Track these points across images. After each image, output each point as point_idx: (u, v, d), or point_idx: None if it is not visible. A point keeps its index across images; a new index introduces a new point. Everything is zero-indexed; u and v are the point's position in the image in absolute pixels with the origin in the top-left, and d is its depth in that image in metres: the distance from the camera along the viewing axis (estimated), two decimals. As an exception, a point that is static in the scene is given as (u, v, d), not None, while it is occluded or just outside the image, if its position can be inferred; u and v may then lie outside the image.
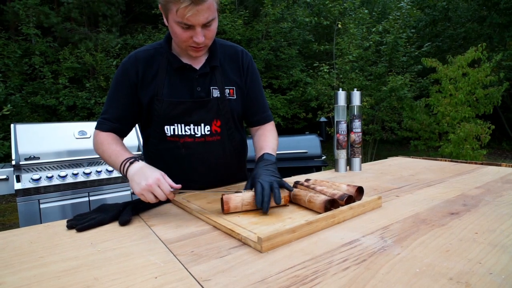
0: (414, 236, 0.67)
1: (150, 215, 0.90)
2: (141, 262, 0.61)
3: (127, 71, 1.06)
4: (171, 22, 0.93)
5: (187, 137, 1.08)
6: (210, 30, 0.95)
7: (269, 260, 0.59)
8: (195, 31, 0.92)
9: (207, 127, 1.09)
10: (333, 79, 6.81)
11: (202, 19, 0.90)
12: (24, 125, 2.28)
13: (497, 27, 8.65)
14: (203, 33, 0.94)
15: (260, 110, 1.21)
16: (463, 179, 1.21)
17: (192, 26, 0.91)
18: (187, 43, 0.96)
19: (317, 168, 3.01)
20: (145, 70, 1.06)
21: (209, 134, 1.10)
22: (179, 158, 1.11)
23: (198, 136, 1.09)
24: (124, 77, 1.06)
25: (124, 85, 1.07)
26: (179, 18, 0.89)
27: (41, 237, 0.77)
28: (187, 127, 1.08)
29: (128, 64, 1.07)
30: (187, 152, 1.10)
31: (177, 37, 0.95)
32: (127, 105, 1.08)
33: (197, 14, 0.88)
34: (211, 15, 0.91)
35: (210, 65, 1.08)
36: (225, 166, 1.18)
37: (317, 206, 0.81)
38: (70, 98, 6.43)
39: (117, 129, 1.09)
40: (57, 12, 6.93)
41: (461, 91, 4.94)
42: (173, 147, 1.10)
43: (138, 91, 1.07)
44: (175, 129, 1.08)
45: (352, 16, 7.33)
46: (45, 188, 2.14)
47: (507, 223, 0.73)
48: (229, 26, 7.33)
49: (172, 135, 1.08)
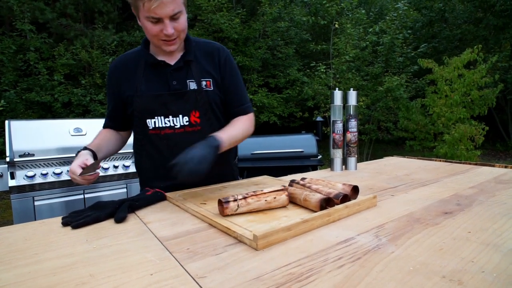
0: (408, 234, 0.68)
1: (146, 213, 0.90)
2: (137, 259, 0.61)
3: (111, 75, 1.19)
4: (142, 19, 1.01)
5: (167, 128, 1.13)
6: (179, 23, 1.02)
7: (264, 257, 0.60)
8: (164, 24, 0.99)
9: (186, 118, 1.13)
10: (329, 78, 6.82)
11: (168, 11, 0.96)
12: (18, 122, 2.26)
13: (492, 29, 8.73)
14: (172, 26, 1.00)
15: (237, 103, 1.22)
16: (457, 179, 1.23)
17: (161, 19, 0.98)
18: (159, 37, 1.02)
19: (313, 167, 3.01)
20: (126, 72, 1.16)
21: (188, 124, 1.14)
22: (162, 150, 1.16)
23: (177, 127, 1.13)
24: (109, 81, 1.21)
25: (110, 88, 1.21)
26: (146, 12, 0.96)
27: (36, 234, 0.76)
28: (167, 119, 1.13)
29: (110, 71, 1.20)
30: (168, 143, 1.14)
31: (148, 32, 1.02)
32: (115, 106, 1.21)
33: (163, 7, 0.95)
34: (177, 7, 0.98)
35: (185, 60, 1.13)
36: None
37: (313, 205, 0.81)
38: (65, 95, 6.37)
39: (112, 126, 1.26)
40: (53, 8, 6.86)
41: (457, 92, 4.99)
42: (156, 139, 1.15)
43: (121, 91, 1.16)
44: (156, 121, 1.13)
45: (349, 16, 7.35)
46: (40, 185, 2.12)
47: (500, 223, 0.74)
48: (226, 24, 7.32)
49: (154, 128, 1.14)
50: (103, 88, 6.80)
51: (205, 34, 7.78)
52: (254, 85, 8.04)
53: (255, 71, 8.19)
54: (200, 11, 7.57)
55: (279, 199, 0.85)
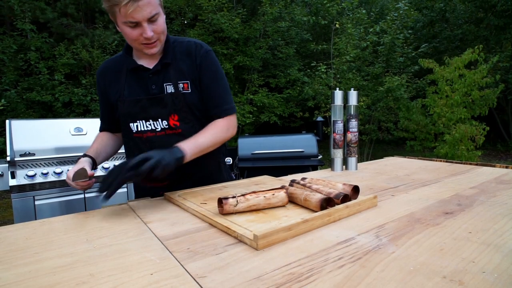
0: (409, 235, 0.68)
1: (146, 212, 0.90)
2: (137, 259, 0.61)
3: (98, 81, 1.22)
4: (120, 25, 1.00)
5: (149, 132, 1.14)
6: (157, 25, 1.01)
7: (265, 257, 0.60)
8: (143, 27, 0.98)
9: (164, 122, 1.13)
10: (330, 78, 6.82)
11: (146, 14, 0.96)
12: (19, 121, 2.26)
13: (493, 29, 8.72)
14: (151, 28, 1.00)
15: (213, 104, 1.16)
16: (457, 180, 1.23)
17: (139, 23, 0.97)
18: (139, 41, 1.02)
19: (313, 167, 3.01)
20: (110, 77, 1.18)
21: (167, 127, 1.14)
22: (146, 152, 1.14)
23: (158, 130, 1.14)
24: (97, 86, 1.23)
25: (99, 93, 1.24)
26: (123, 17, 0.95)
27: (36, 233, 0.76)
28: (148, 123, 1.14)
29: (98, 76, 1.22)
30: (152, 146, 1.13)
31: (128, 37, 1.01)
32: (105, 109, 1.24)
33: (139, 10, 0.94)
34: (154, 9, 0.97)
35: (162, 63, 1.12)
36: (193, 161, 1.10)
37: (313, 205, 0.81)
38: (66, 95, 6.38)
39: (107, 128, 1.29)
40: (53, 7, 6.87)
41: (457, 93, 4.98)
42: (139, 142, 1.16)
43: (108, 97, 1.19)
44: (138, 125, 1.15)
45: (350, 16, 7.34)
46: (40, 184, 2.12)
47: (500, 223, 0.74)
48: (227, 24, 7.32)
49: (137, 131, 1.15)
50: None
51: (206, 34, 7.79)
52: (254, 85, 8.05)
53: (255, 71, 8.19)
54: (200, 11, 7.57)
55: (277, 195, 0.85)
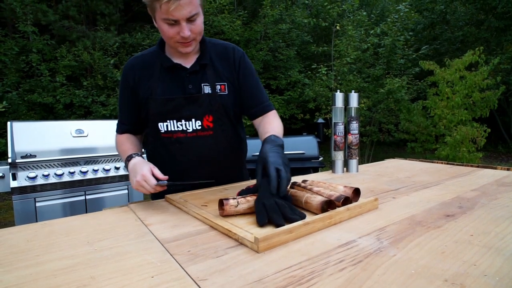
0: (410, 237, 0.68)
1: (147, 214, 0.90)
2: (138, 261, 0.61)
3: (126, 78, 1.15)
4: (158, 21, 0.99)
5: (179, 132, 1.13)
6: (195, 25, 1.00)
7: (265, 260, 0.60)
8: (181, 26, 0.97)
9: (198, 122, 1.12)
10: (331, 80, 6.82)
11: (186, 13, 0.95)
12: (20, 123, 2.27)
13: (494, 31, 8.72)
14: (189, 28, 0.99)
15: (257, 102, 1.21)
16: (459, 182, 1.22)
17: (177, 22, 0.96)
18: (175, 39, 1.01)
19: (314, 169, 3.01)
20: (141, 74, 1.13)
21: (200, 129, 1.13)
22: (173, 153, 1.15)
23: (189, 131, 1.13)
24: (124, 83, 1.16)
25: (126, 90, 1.17)
26: (163, 14, 0.94)
27: (37, 235, 0.76)
28: (179, 123, 1.12)
29: (126, 71, 1.15)
30: (181, 146, 1.14)
31: (165, 34, 1.01)
32: (133, 109, 1.17)
33: (180, 9, 0.93)
34: (194, 9, 0.96)
35: (200, 63, 1.12)
36: (219, 161, 1.19)
37: (314, 207, 0.81)
38: (67, 96, 6.39)
39: (131, 130, 1.22)
40: (55, 9, 6.89)
41: (458, 94, 4.97)
42: (168, 143, 1.14)
43: (137, 94, 1.14)
44: (168, 125, 1.12)
45: (351, 18, 7.35)
46: (42, 186, 2.13)
47: (502, 226, 0.74)
48: (228, 26, 7.33)
49: (166, 132, 1.13)
50: (105, 89, 6.82)
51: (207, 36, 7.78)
52: (255, 86, 8.02)
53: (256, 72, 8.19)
54: (201, 13, 7.57)
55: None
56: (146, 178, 0.93)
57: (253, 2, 8.82)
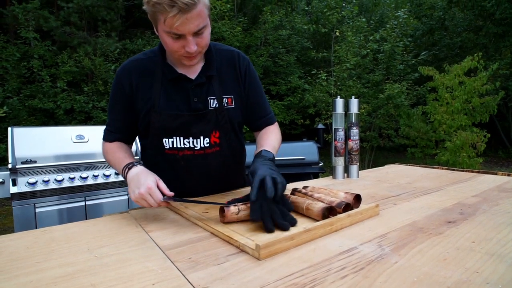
0: (412, 244, 0.68)
1: (148, 221, 0.90)
2: (138, 269, 0.60)
3: (121, 83, 1.04)
4: (161, 33, 0.90)
5: (186, 150, 1.06)
6: (202, 38, 0.91)
7: (267, 267, 0.59)
8: (186, 40, 0.88)
9: (206, 139, 1.06)
10: (330, 86, 6.85)
11: (193, 27, 0.85)
12: (21, 128, 2.27)
13: (492, 37, 8.78)
14: (195, 42, 0.90)
15: (261, 114, 1.19)
16: (460, 187, 1.22)
17: (183, 35, 0.87)
18: (179, 53, 0.93)
19: (314, 174, 3.01)
20: (139, 80, 1.04)
21: (208, 146, 1.07)
22: (177, 170, 1.09)
23: (197, 149, 1.06)
24: (119, 89, 1.05)
25: (120, 97, 1.06)
26: (167, 28, 0.85)
27: (37, 242, 0.76)
28: (186, 140, 1.05)
29: (121, 76, 1.05)
30: (186, 164, 1.08)
31: (168, 47, 0.92)
32: (126, 116, 1.08)
33: (187, 23, 0.83)
34: (202, 22, 0.87)
35: (206, 75, 1.05)
36: (225, 175, 1.17)
37: (315, 214, 0.81)
38: (68, 102, 6.41)
39: (121, 138, 1.12)
40: (57, 16, 6.94)
41: (458, 100, 4.99)
42: (172, 159, 1.07)
43: (133, 102, 1.05)
44: (174, 142, 1.05)
45: (350, 24, 7.41)
46: (41, 192, 2.12)
47: (504, 232, 0.73)
48: (228, 32, 7.39)
49: (171, 148, 1.06)
50: (106, 95, 6.85)
51: (207, 42, 7.84)
52: (255, 92, 8.05)
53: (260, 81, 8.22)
54: (202, 19, 7.63)
55: None
56: (152, 191, 0.84)
57: (254, 8, 8.90)
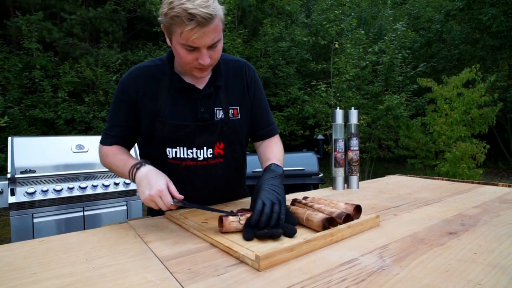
0: (413, 255, 0.67)
1: (147, 231, 0.89)
2: (137, 280, 0.60)
3: (127, 89, 1.04)
4: (175, 44, 0.91)
5: (189, 160, 1.06)
6: (215, 51, 0.93)
7: (267, 278, 0.59)
8: (201, 53, 0.90)
9: (210, 150, 1.06)
10: (330, 97, 6.90)
11: (208, 41, 0.88)
12: (21, 138, 2.27)
13: (490, 49, 8.89)
14: (209, 54, 0.91)
15: (264, 124, 1.19)
16: (460, 199, 1.22)
17: (197, 48, 0.89)
18: (192, 65, 0.94)
19: (314, 185, 3.00)
20: (146, 88, 1.03)
21: (211, 157, 1.07)
22: (179, 179, 1.07)
23: (200, 160, 1.06)
24: (123, 95, 1.05)
25: (124, 103, 1.05)
26: (183, 40, 0.86)
27: (35, 252, 0.75)
28: (190, 150, 1.05)
29: (128, 82, 1.04)
30: (188, 174, 1.07)
31: (181, 59, 0.93)
32: (128, 123, 1.07)
33: (203, 37, 0.86)
34: (217, 36, 0.89)
35: (214, 85, 1.06)
36: (226, 186, 1.17)
37: (315, 225, 0.80)
38: (68, 112, 6.44)
39: (121, 143, 1.10)
40: (60, 27, 7.04)
41: (457, 111, 5.02)
42: (174, 169, 1.06)
43: (138, 109, 1.05)
44: (177, 152, 1.05)
45: (349, 37, 7.51)
46: (40, 202, 2.11)
47: (506, 243, 0.73)
48: (229, 44, 7.48)
49: (174, 158, 1.05)
50: (106, 105, 6.88)
51: (208, 53, 7.92)
52: (255, 103, 8.09)
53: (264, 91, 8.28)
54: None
55: None
56: (162, 194, 0.84)
57: (254, 21, 9.03)
